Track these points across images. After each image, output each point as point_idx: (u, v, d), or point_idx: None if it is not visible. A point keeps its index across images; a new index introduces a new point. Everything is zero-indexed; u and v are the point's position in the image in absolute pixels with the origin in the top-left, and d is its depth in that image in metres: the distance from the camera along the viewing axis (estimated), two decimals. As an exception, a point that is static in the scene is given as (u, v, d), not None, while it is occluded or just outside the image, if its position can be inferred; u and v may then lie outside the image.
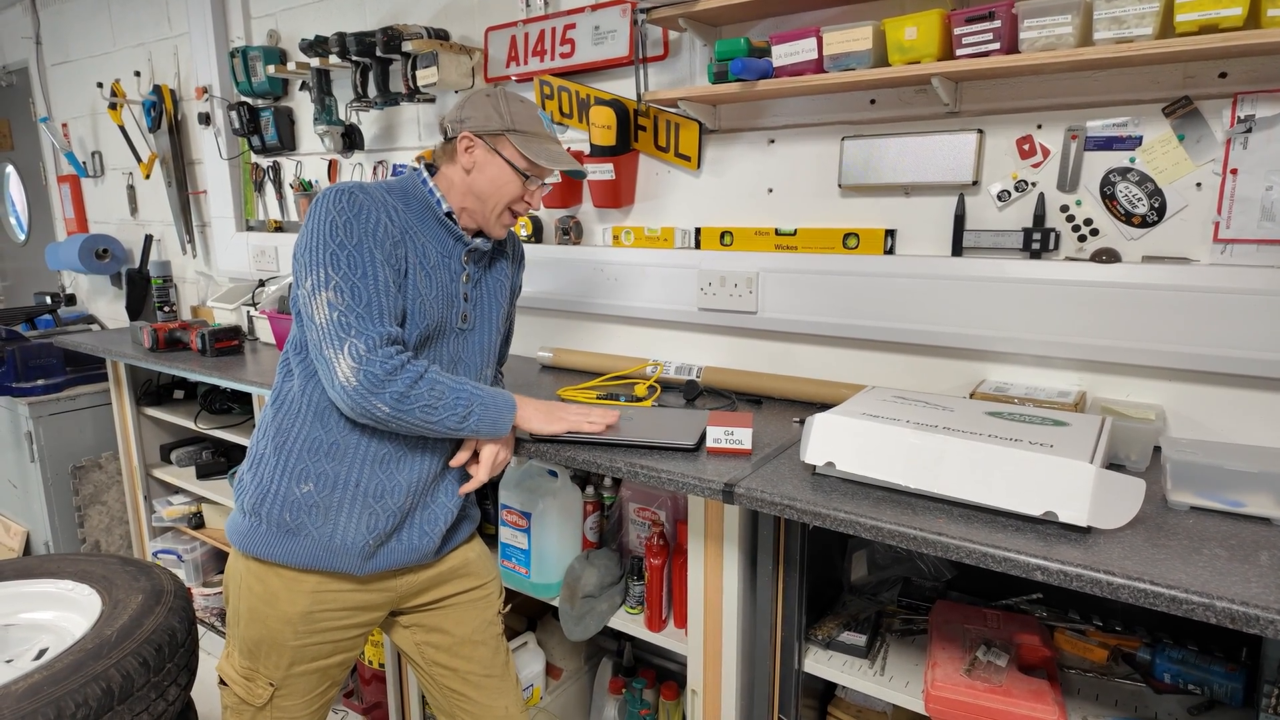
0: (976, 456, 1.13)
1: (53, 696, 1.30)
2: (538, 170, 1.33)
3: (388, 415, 1.20)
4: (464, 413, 1.25)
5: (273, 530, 1.27)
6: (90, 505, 3.04)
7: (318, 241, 1.20)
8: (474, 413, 1.26)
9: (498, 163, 1.31)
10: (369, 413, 1.19)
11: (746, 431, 1.40)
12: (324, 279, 1.19)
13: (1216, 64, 1.34)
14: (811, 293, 1.77)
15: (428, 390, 1.21)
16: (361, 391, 1.17)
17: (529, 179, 1.33)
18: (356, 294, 1.19)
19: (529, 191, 1.35)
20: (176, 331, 2.49)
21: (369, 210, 1.23)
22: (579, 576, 1.63)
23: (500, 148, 1.31)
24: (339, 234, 1.20)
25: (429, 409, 1.21)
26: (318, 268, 1.19)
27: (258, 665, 1.32)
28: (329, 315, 1.18)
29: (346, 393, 1.18)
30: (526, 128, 1.32)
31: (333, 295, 1.18)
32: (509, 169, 1.31)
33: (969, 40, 1.40)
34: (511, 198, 1.33)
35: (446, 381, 1.25)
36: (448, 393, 1.23)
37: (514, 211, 1.36)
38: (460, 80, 2.22)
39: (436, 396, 1.22)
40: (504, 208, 1.34)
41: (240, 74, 2.78)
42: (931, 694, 1.24)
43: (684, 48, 1.91)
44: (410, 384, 1.19)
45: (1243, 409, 1.39)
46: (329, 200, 1.22)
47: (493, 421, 1.30)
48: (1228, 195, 1.35)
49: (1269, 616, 0.85)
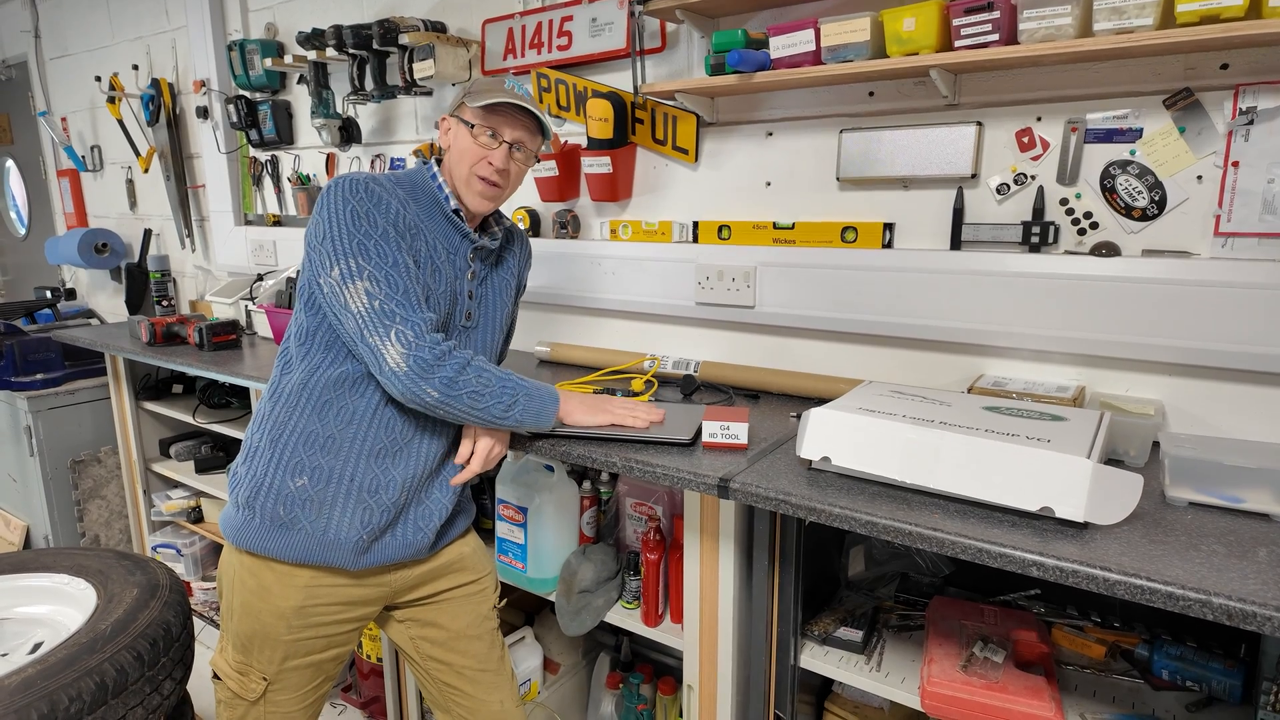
0: (973, 451, 1.12)
1: (46, 690, 1.30)
2: (485, 118, 1.29)
3: (437, 401, 1.20)
4: (509, 401, 1.26)
5: (266, 524, 1.27)
6: (90, 499, 3.04)
7: (340, 230, 1.19)
8: (519, 402, 1.27)
9: (459, 128, 1.32)
10: (419, 398, 1.20)
11: (742, 426, 1.39)
12: (356, 268, 1.18)
13: (1218, 55, 1.32)
14: (809, 287, 1.76)
15: (475, 377, 1.22)
16: (413, 376, 1.17)
17: (483, 134, 1.29)
18: (393, 282, 1.19)
19: (489, 151, 1.30)
20: (174, 326, 2.49)
21: (387, 200, 1.23)
22: (575, 571, 1.62)
23: (460, 114, 1.32)
24: (363, 223, 1.20)
25: (476, 395, 1.22)
26: (346, 257, 1.19)
27: (251, 659, 1.32)
28: (368, 304, 1.18)
29: (398, 378, 1.18)
30: (481, 88, 1.31)
31: (369, 284, 1.18)
32: (464, 129, 1.31)
33: (968, 31, 1.39)
34: (473, 160, 1.31)
35: (492, 370, 1.25)
36: (494, 381, 1.24)
37: (480, 176, 1.31)
38: (457, 73, 2.20)
39: (484, 384, 1.22)
40: (469, 172, 1.31)
41: (238, 67, 2.78)
42: (928, 690, 1.24)
43: (681, 40, 1.89)
44: (458, 370, 1.20)
45: (1243, 404, 1.38)
46: (344, 189, 1.21)
47: (536, 412, 1.30)
48: (1229, 188, 1.34)
49: (1266, 613, 0.85)
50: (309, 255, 1.24)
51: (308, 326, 1.29)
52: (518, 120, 1.32)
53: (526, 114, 1.31)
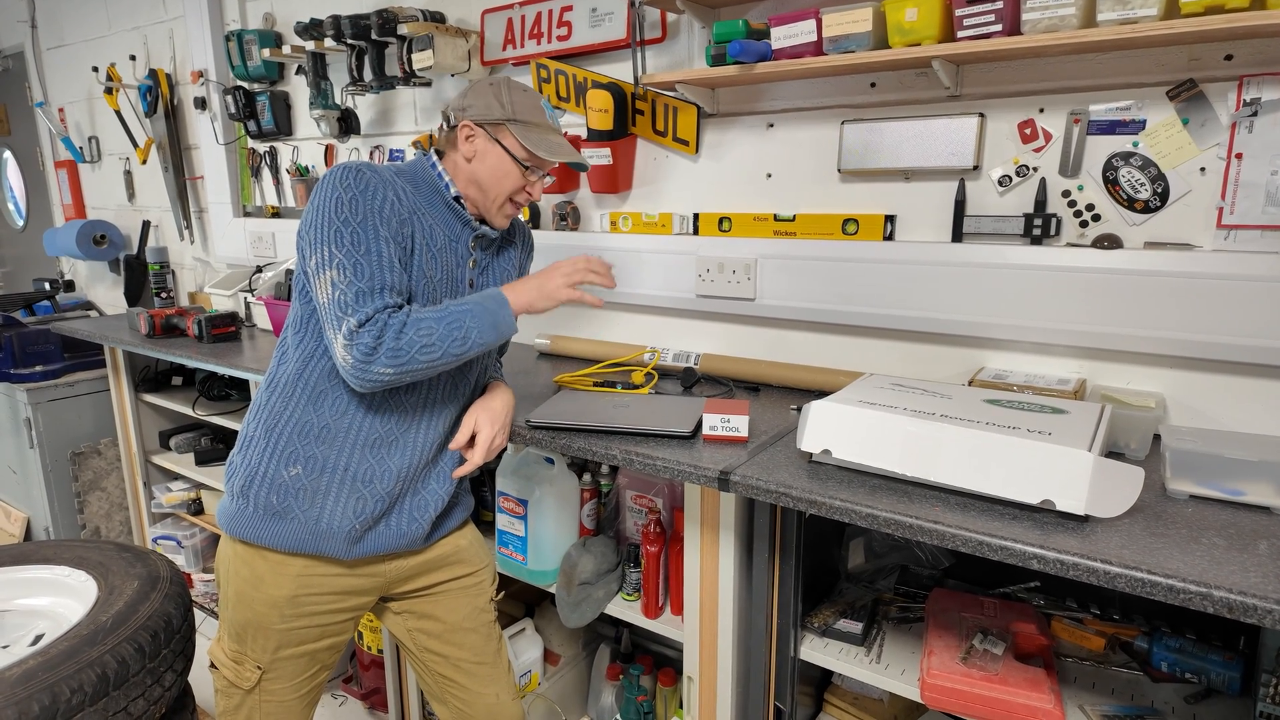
0: (974, 444, 1.12)
1: (48, 682, 1.30)
2: (537, 161, 1.30)
3: (393, 375, 1.17)
4: (461, 334, 1.21)
5: (259, 513, 1.27)
6: (90, 491, 3.04)
7: (323, 219, 1.19)
8: (471, 329, 1.22)
9: (497, 152, 1.29)
10: (376, 380, 1.17)
11: (743, 419, 1.39)
12: (328, 257, 1.17)
13: (1222, 46, 1.32)
14: (810, 279, 1.75)
15: (414, 334, 1.17)
16: (360, 365, 1.16)
17: (529, 169, 1.31)
18: (359, 270, 1.17)
19: (530, 182, 1.32)
20: (173, 318, 2.48)
21: (375, 187, 1.21)
22: (575, 563, 1.62)
23: (500, 137, 1.29)
24: (344, 210, 1.18)
25: (426, 349, 1.18)
26: (322, 246, 1.18)
27: (245, 648, 1.32)
28: (330, 295, 1.17)
29: (348, 371, 1.17)
30: (527, 117, 1.29)
31: (335, 274, 1.17)
32: (509, 159, 1.29)
33: (970, 22, 1.38)
34: (512, 189, 1.31)
35: (429, 315, 1.20)
36: (437, 324, 1.19)
37: (515, 202, 1.34)
38: (456, 64, 2.19)
39: (427, 334, 1.18)
40: (505, 198, 1.32)
41: (236, 58, 2.76)
42: (927, 682, 1.24)
43: (682, 30, 1.88)
44: (396, 335, 1.16)
45: (1244, 397, 1.37)
46: (335, 178, 1.20)
47: (493, 325, 1.25)
48: (1232, 180, 1.33)
49: (1266, 606, 0.85)
50: (297, 244, 1.24)
51: (302, 315, 1.29)
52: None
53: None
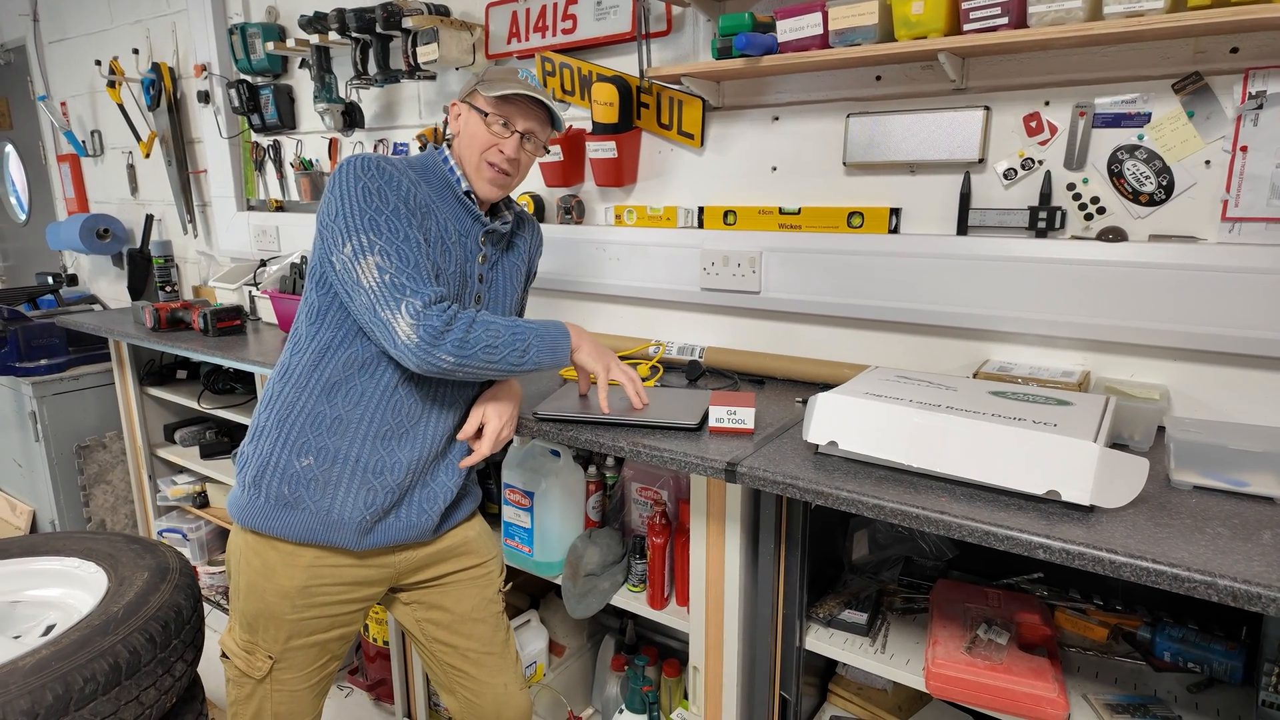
0: (979, 435, 1.13)
1: (60, 672, 1.31)
2: (498, 107, 1.30)
3: (453, 364, 1.21)
4: (523, 347, 1.27)
5: (270, 503, 1.28)
6: (95, 484, 3.05)
7: (352, 207, 1.20)
8: (532, 345, 1.28)
9: (471, 115, 1.32)
10: (435, 365, 1.20)
11: (749, 411, 1.39)
12: (368, 243, 1.19)
13: (1228, 39, 1.32)
14: (815, 272, 1.76)
15: (483, 332, 1.23)
16: (424, 346, 1.18)
17: (496, 123, 1.30)
18: (404, 256, 1.20)
19: (501, 139, 1.31)
20: (178, 311, 2.49)
21: (397, 179, 1.25)
22: (581, 555, 1.63)
23: (472, 100, 1.33)
24: (374, 200, 1.21)
25: (490, 349, 1.23)
26: (358, 233, 1.19)
27: (257, 638, 1.33)
28: (379, 278, 1.18)
29: (410, 349, 1.19)
30: (494, 77, 1.32)
31: (380, 259, 1.19)
32: (477, 116, 1.31)
33: (976, 15, 1.38)
34: (483, 146, 1.32)
35: (499, 321, 1.26)
36: (504, 331, 1.25)
37: (491, 163, 1.32)
38: (461, 57, 2.19)
39: (493, 336, 1.23)
40: (480, 159, 1.32)
41: (239, 51, 2.76)
42: (932, 671, 1.25)
43: (687, 23, 1.88)
44: (466, 329, 1.21)
45: (1248, 389, 1.38)
46: (356, 168, 1.22)
47: (551, 350, 1.32)
48: (1237, 173, 1.34)
49: (1270, 594, 0.86)
50: (320, 234, 1.25)
51: (319, 306, 1.29)
52: (530, 111, 1.32)
53: (539, 105, 1.32)
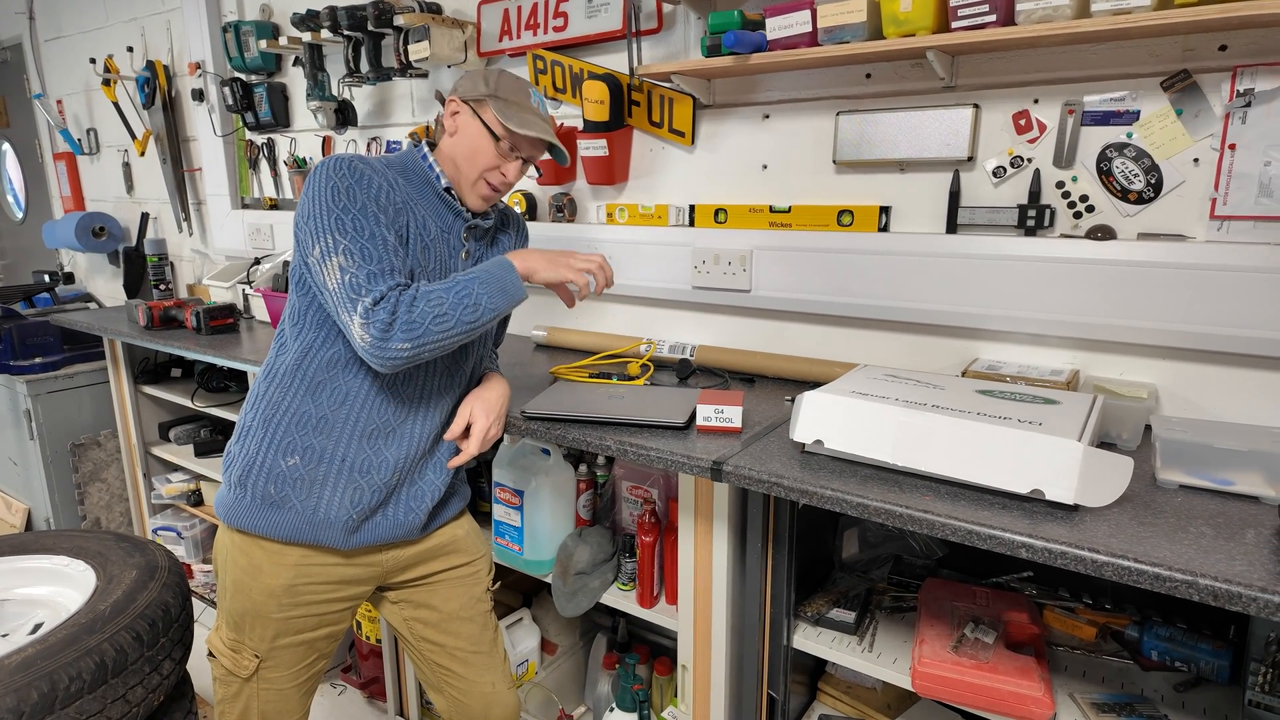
0: (964, 434, 1.12)
1: (46, 670, 1.31)
2: (512, 137, 1.30)
3: (411, 349, 1.17)
4: (472, 302, 1.22)
5: (256, 502, 1.28)
6: (90, 482, 3.06)
7: (321, 208, 1.19)
8: (480, 295, 1.22)
9: (477, 127, 1.30)
10: (394, 357, 1.18)
11: (736, 409, 1.39)
12: (333, 244, 1.18)
13: (1216, 36, 1.31)
14: (805, 271, 1.75)
15: (425, 305, 1.18)
16: (377, 343, 1.16)
17: (504, 146, 1.30)
18: (366, 254, 1.18)
19: (505, 162, 1.31)
20: (172, 310, 2.49)
21: (369, 177, 1.23)
22: (571, 554, 1.63)
23: (481, 112, 1.30)
24: (342, 199, 1.19)
25: (439, 319, 1.18)
26: (324, 234, 1.19)
27: (243, 637, 1.33)
28: (340, 279, 1.17)
29: (366, 351, 1.17)
30: (510, 96, 1.31)
31: (344, 259, 1.18)
32: (485, 133, 1.29)
33: (965, 12, 1.37)
34: (485, 165, 1.30)
35: (437, 287, 1.22)
36: (446, 295, 1.20)
37: (489, 183, 1.32)
38: (453, 55, 2.19)
39: (438, 304, 1.19)
40: (478, 175, 1.31)
41: (233, 49, 2.76)
42: (919, 670, 1.25)
43: (678, 21, 1.88)
44: (408, 309, 1.17)
45: (1237, 387, 1.38)
46: (328, 168, 1.21)
47: (502, 290, 1.25)
48: (1225, 171, 1.33)
49: (1251, 594, 0.85)
50: (295, 236, 1.24)
51: (299, 307, 1.29)
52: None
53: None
